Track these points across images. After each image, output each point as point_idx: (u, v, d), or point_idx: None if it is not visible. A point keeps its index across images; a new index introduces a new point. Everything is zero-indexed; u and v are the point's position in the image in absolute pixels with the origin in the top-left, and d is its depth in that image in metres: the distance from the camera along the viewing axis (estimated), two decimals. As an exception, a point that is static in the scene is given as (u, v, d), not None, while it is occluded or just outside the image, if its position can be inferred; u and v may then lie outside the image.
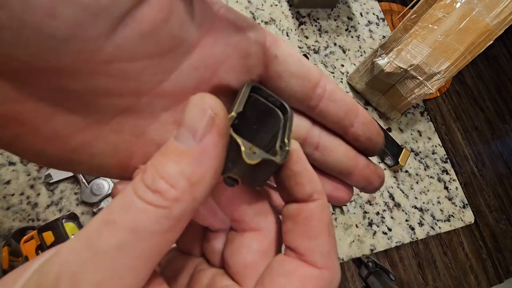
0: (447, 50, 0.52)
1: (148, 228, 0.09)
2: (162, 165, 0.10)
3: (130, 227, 0.09)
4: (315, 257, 0.11)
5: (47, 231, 0.35)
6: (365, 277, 0.57)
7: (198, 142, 0.10)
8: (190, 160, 0.10)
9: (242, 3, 0.64)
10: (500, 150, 2.07)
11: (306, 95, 0.14)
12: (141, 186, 0.10)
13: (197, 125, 0.10)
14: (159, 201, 0.09)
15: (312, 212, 0.12)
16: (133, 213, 0.09)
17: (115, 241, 0.09)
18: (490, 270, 1.72)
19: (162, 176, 0.10)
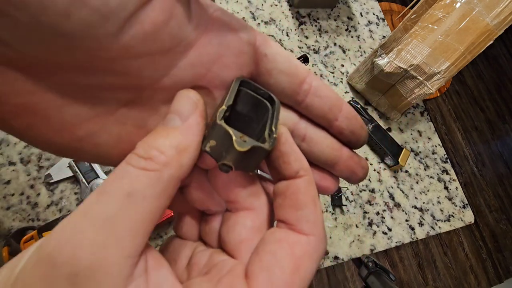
0: (447, 50, 0.52)
1: (142, 192, 0.10)
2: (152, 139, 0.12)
3: (125, 192, 0.10)
4: (303, 226, 0.13)
5: (47, 231, 0.35)
6: (365, 277, 0.57)
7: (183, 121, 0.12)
8: (177, 133, 0.12)
9: (242, 3, 0.64)
10: (500, 150, 2.07)
11: (293, 90, 0.15)
12: (133, 156, 0.11)
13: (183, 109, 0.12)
14: (151, 165, 0.11)
15: (299, 187, 0.13)
16: (127, 180, 0.11)
17: (112, 207, 0.10)
18: (490, 270, 1.72)
19: (153, 146, 0.11)
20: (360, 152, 0.59)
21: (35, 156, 0.43)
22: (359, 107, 0.60)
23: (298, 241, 0.12)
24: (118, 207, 0.10)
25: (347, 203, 0.54)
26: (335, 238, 0.51)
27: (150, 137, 0.12)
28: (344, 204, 0.53)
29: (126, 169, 0.11)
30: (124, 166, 0.11)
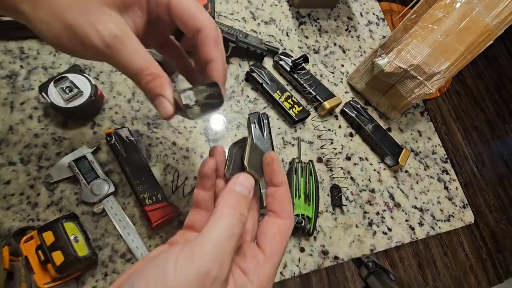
0: (447, 50, 0.52)
1: (238, 234, 0.21)
2: (242, 203, 0.23)
3: (236, 235, 0.20)
4: (284, 214, 0.25)
5: (47, 231, 0.35)
6: (365, 277, 0.57)
7: (249, 193, 0.24)
8: (248, 201, 0.24)
9: (242, 3, 0.64)
10: (500, 150, 2.07)
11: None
12: (240, 215, 0.21)
13: (251, 186, 0.24)
14: (242, 220, 0.22)
15: (281, 192, 0.25)
16: (239, 229, 0.21)
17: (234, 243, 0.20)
18: (490, 270, 1.72)
19: (244, 210, 0.22)
20: (361, 152, 0.59)
21: (35, 156, 0.43)
22: (359, 107, 0.60)
23: (282, 223, 0.24)
24: (235, 244, 0.20)
25: (347, 203, 0.54)
26: (335, 238, 0.51)
27: (240, 201, 0.23)
28: (344, 204, 0.53)
29: (237, 223, 0.21)
30: (233, 218, 0.21)
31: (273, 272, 0.22)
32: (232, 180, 0.24)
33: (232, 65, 0.58)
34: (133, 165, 0.43)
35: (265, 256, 0.22)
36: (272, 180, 0.26)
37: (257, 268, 0.21)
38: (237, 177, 0.24)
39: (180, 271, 0.17)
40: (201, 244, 0.19)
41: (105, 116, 0.48)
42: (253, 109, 0.56)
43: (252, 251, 0.23)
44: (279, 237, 0.23)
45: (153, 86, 0.23)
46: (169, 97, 0.24)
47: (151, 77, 0.23)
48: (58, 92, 0.42)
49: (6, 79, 0.46)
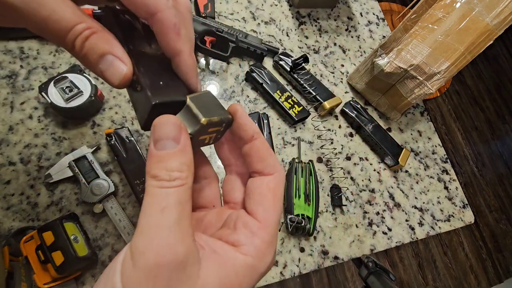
0: (447, 50, 0.52)
1: (185, 199, 0.16)
2: (165, 163, 0.17)
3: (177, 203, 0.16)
4: (268, 170, 0.20)
5: (47, 231, 0.35)
6: (365, 277, 0.57)
7: (178, 143, 0.17)
8: (181, 154, 0.17)
9: (242, 3, 0.64)
10: (500, 150, 2.07)
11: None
12: (162, 182, 0.16)
13: (173, 134, 0.17)
14: (179, 182, 0.16)
15: (257, 145, 0.21)
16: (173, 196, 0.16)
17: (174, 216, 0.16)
18: (490, 270, 1.72)
19: (171, 169, 0.16)
20: (361, 152, 0.59)
21: (35, 156, 0.43)
22: (359, 107, 0.60)
23: (269, 179, 0.20)
24: (178, 214, 0.16)
25: (347, 203, 0.54)
26: (335, 238, 0.51)
27: (162, 162, 0.17)
28: (344, 204, 0.53)
29: (164, 191, 0.16)
30: (159, 190, 0.16)
31: (273, 236, 0.19)
32: (150, 136, 0.18)
33: (232, 65, 0.58)
34: (133, 165, 0.43)
35: (259, 222, 0.19)
36: (242, 135, 0.21)
37: (251, 237, 0.18)
38: (153, 127, 0.17)
39: (127, 276, 0.15)
40: (135, 237, 0.15)
41: (105, 116, 0.48)
42: (253, 109, 0.56)
43: (242, 219, 0.19)
44: (270, 195, 0.20)
45: (95, 43, 0.17)
46: (120, 53, 0.18)
47: (89, 32, 0.17)
48: (58, 92, 0.42)
49: (6, 79, 0.46)
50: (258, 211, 0.19)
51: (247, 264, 0.17)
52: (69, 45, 0.17)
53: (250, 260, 0.17)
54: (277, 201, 0.20)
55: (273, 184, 0.20)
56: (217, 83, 0.56)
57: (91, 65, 0.18)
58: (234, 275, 0.17)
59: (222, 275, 0.16)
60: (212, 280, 0.16)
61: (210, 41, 0.56)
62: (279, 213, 0.20)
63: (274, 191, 0.20)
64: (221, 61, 0.56)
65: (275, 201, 0.20)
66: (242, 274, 0.17)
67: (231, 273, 0.17)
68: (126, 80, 0.18)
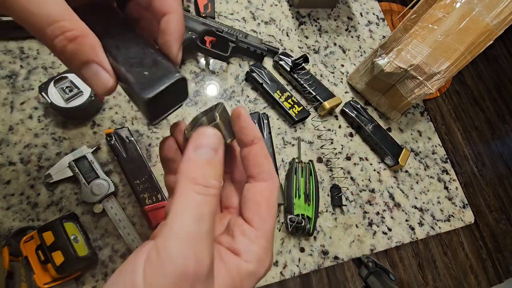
0: (447, 50, 0.52)
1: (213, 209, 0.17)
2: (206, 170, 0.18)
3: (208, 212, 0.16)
4: (264, 176, 0.21)
5: (47, 231, 0.35)
6: (365, 277, 0.57)
7: (216, 154, 0.18)
8: (217, 164, 0.18)
9: (242, 3, 0.64)
10: (500, 150, 2.07)
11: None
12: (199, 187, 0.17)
13: (213, 144, 0.18)
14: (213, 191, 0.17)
15: (256, 150, 0.21)
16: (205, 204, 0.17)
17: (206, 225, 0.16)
18: (490, 270, 1.72)
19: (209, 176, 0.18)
20: (361, 152, 0.59)
21: (35, 156, 0.43)
22: (359, 107, 0.60)
23: (264, 187, 0.21)
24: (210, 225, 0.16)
25: (347, 203, 0.54)
26: (335, 238, 0.51)
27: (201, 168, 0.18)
28: (344, 204, 0.53)
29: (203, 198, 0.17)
30: (196, 194, 0.17)
31: (269, 242, 0.20)
32: (190, 142, 0.18)
33: (232, 65, 0.58)
34: (133, 165, 0.43)
35: (255, 230, 0.20)
36: (242, 138, 0.21)
37: (249, 245, 0.19)
38: (196, 135, 0.18)
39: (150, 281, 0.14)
40: (166, 241, 0.15)
41: (105, 116, 0.48)
42: (253, 109, 0.56)
43: (240, 227, 0.20)
44: (265, 203, 0.20)
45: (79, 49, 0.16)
46: (105, 63, 0.17)
47: (72, 35, 0.15)
48: (58, 92, 0.42)
49: (6, 79, 0.46)
50: (254, 220, 0.20)
51: (249, 271, 0.19)
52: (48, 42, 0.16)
53: (251, 266, 0.19)
54: (271, 208, 0.21)
55: (268, 192, 0.21)
56: (217, 83, 0.56)
57: (73, 67, 0.17)
58: (239, 281, 0.18)
59: (230, 283, 0.18)
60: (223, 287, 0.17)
61: (210, 41, 0.56)
62: (274, 219, 0.21)
63: (269, 199, 0.21)
64: (221, 61, 0.56)
65: (269, 209, 0.20)
66: (246, 280, 0.18)
67: (237, 280, 0.18)
68: (110, 92, 0.18)
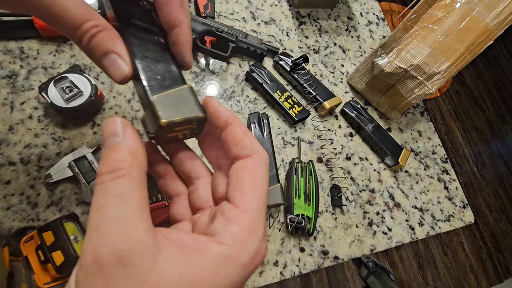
0: (447, 50, 0.52)
1: (127, 190, 0.15)
2: (109, 158, 0.16)
3: (117, 196, 0.15)
4: (245, 152, 0.19)
5: (47, 231, 0.35)
6: (365, 277, 0.57)
7: (123, 137, 0.17)
8: (124, 145, 0.17)
9: (242, 3, 0.64)
10: (500, 150, 2.07)
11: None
12: (103, 176, 0.15)
13: (117, 129, 0.17)
14: (121, 173, 0.15)
15: (232, 130, 0.20)
16: (113, 189, 0.15)
17: (117, 209, 0.15)
18: (490, 270, 1.72)
19: (114, 161, 0.16)
20: (361, 152, 0.59)
21: (35, 156, 0.43)
22: (359, 107, 0.60)
23: (247, 161, 0.19)
24: (119, 207, 0.15)
25: (347, 203, 0.54)
26: (335, 238, 0.51)
27: (106, 158, 0.16)
28: (344, 204, 0.53)
29: (107, 185, 0.15)
30: (100, 186, 0.15)
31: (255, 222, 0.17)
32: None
33: (232, 65, 0.58)
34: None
35: (236, 207, 0.17)
36: (216, 123, 0.20)
37: (226, 225, 0.16)
38: (102, 131, 0.18)
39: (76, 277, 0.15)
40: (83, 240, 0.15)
41: (105, 116, 0.48)
42: (253, 109, 0.56)
43: (220, 208, 0.18)
44: (248, 177, 0.18)
45: (100, 41, 0.19)
46: (122, 53, 0.19)
47: (96, 30, 0.18)
48: (58, 92, 0.42)
49: (6, 79, 0.46)
50: (235, 196, 0.18)
51: (222, 254, 0.15)
52: (76, 38, 0.19)
53: (225, 249, 0.16)
54: (256, 183, 0.18)
55: (251, 165, 0.19)
56: (217, 83, 0.56)
57: (95, 59, 0.20)
58: (203, 267, 0.15)
59: (185, 267, 0.15)
60: (170, 273, 0.14)
61: (210, 41, 0.56)
62: (262, 196, 0.18)
63: (253, 173, 0.18)
64: (221, 61, 0.56)
65: (254, 183, 0.18)
66: (215, 266, 0.15)
67: (199, 264, 0.15)
68: (127, 79, 0.20)
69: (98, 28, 0.19)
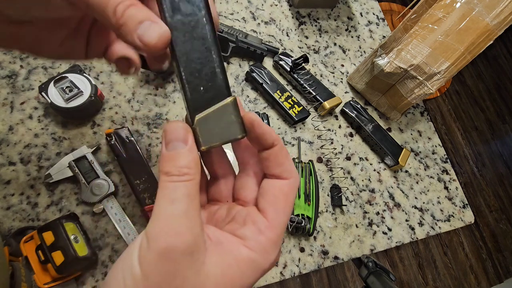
0: (447, 50, 0.52)
1: (193, 193, 0.18)
2: (176, 161, 0.19)
3: (187, 195, 0.18)
4: (285, 174, 0.21)
5: (47, 231, 0.35)
6: (365, 277, 0.57)
7: (186, 144, 0.19)
8: (189, 153, 0.19)
9: (242, 3, 0.64)
10: (500, 150, 2.07)
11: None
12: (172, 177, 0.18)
13: (181, 136, 0.19)
14: (188, 177, 0.18)
15: (276, 152, 0.21)
16: (182, 189, 0.18)
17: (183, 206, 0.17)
18: (490, 270, 1.72)
19: (182, 166, 0.18)
20: (361, 152, 0.59)
21: (35, 156, 0.43)
22: (359, 107, 0.60)
23: (284, 184, 0.21)
24: (186, 205, 0.17)
25: (347, 203, 0.54)
26: (335, 238, 0.51)
27: (172, 160, 0.19)
28: (344, 204, 0.53)
29: (175, 185, 0.18)
30: (170, 184, 0.18)
31: (279, 237, 0.20)
32: (162, 140, 0.20)
33: (232, 65, 0.58)
34: (133, 165, 0.43)
35: (267, 221, 0.20)
36: (262, 143, 0.21)
37: (258, 234, 0.19)
38: (164, 133, 0.20)
39: (142, 256, 0.17)
40: (151, 224, 0.17)
41: (105, 116, 0.48)
42: (253, 109, 0.56)
43: (252, 216, 0.20)
44: (283, 198, 0.21)
45: (135, 12, 0.18)
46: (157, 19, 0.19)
47: (130, 2, 0.18)
48: (58, 92, 0.42)
49: (6, 79, 0.46)
50: (269, 211, 0.20)
51: (250, 258, 0.18)
52: (111, 10, 0.18)
53: (253, 255, 0.19)
54: (288, 204, 0.21)
55: (288, 188, 0.21)
56: (217, 83, 0.56)
57: (129, 32, 0.18)
58: (236, 266, 0.18)
59: (225, 264, 0.18)
60: (215, 267, 0.17)
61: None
62: (288, 216, 0.21)
63: (287, 195, 0.21)
64: (221, 61, 0.55)
65: (286, 204, 0.21)
66: (245, 267, 0.18)
67: (233, 263, 0.18)
68: (164, 39, 0.18)
69: (132, 1, 0.18)
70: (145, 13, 0.18)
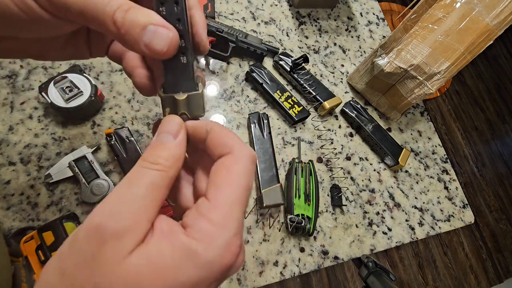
0: (447, 50, 0.52)
1: (158, 183, 0.17)
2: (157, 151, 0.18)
3: (149, 182, 0.17)
4: (226, 150, 0.19)
5: (47, 231, 0.35)
6: (365, 277, 0.57)
7: (175, 138, 0.19)
8: (173, 147, 0.18)
9: (242, 3, 0.64)
10: (500, 150, 2.07)
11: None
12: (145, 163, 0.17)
13: (173, 130, 0.19)
14: (161, 168, 0.17)
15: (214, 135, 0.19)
16: (148, 175, 0.17)
17: (142, 191, 0.16)
18: (490, 270, 1.72)
19: (159, 156, 0.18)
20: (361, 152, 0.59)
21: (35, 156, 0.43)
22: (359, 107, 0.60)
23: (225, 158, 0.19)
24: (146, 191, 0.16)
25: (347, 203, 0.54)
26: (335, 238, 0.51)
27: (154, 149, 0.18)
28: (344, 204, 0.53)
29: (143, 171, 0.17)
30: (140, 168, 0.17)
31: (227, 218, 0.16)
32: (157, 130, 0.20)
33: (232, 65, 0.58)
34: (133, 165, 0.43)
35: (209, 202, 0.17)
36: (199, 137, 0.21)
37: (196, 218, 0.16)
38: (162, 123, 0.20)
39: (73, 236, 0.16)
40: (98, 204, 0.16)
41: (105, 116, 0.48)
42: (253, 109, 0.56)
43: (196, 204, 0.18)
44: (224, 172, 0.18)
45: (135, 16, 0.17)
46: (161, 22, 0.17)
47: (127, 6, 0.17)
48: (58, 92, 0.42)
49: (6, 79, 0.46)
50: (210, 191, 0.17)
51: (187, 247, 0.15)
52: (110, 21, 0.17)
53: (192, 243, 0.15)
54: (232, 177, 0.18)
55: (229, 161, 0.18)
56: (217, 83, 0.56)
57: (134, 42, 0.17)
58: (170, 256, 0.15)
59: (151, 254, 0.15)
60: (140, 257, 0.15)
61: (210, 41, 0.56)
62: (237, 190, 0.17)
63: (229, 168, 0.18)
64: (221, 61, 0.56)
65: (229, 178, 0.17)
66: (180, 257, 0.15)
67: (166, 253, 0.15)
68: (174, 44, 0.18)
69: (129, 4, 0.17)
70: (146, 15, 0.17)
